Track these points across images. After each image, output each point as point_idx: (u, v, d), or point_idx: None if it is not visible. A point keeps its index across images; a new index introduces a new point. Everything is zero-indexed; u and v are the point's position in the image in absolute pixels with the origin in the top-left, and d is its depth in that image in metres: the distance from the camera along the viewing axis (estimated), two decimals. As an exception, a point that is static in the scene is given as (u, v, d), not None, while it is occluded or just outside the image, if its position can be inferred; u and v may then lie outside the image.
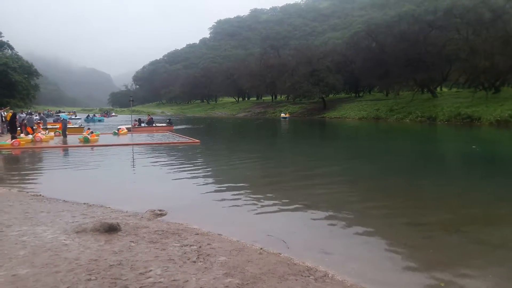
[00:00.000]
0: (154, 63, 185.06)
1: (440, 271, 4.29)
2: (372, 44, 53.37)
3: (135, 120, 31.58)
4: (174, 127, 30.49)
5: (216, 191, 8.53)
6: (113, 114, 77.07)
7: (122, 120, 52.26)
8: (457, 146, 18.95)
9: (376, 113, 44.76)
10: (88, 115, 58.50)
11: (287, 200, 7.51)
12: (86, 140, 19.19)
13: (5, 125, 22.64)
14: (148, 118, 32.14)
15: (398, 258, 4.71)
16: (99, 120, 52.72)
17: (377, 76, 48.10)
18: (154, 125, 30.18)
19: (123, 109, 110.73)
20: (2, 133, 22.69)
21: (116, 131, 25.72)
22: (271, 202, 7.41)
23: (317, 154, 16.21)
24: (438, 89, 49.85)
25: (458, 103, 37.15)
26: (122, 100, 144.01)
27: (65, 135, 22.01)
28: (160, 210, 6.53)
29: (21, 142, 17.73)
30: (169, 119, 34.12)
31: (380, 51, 48.18)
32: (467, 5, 42.79)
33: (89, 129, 24.57)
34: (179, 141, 20.33)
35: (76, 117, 53.92)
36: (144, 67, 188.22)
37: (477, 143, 18.46)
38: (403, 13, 53.63)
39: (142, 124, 29.98)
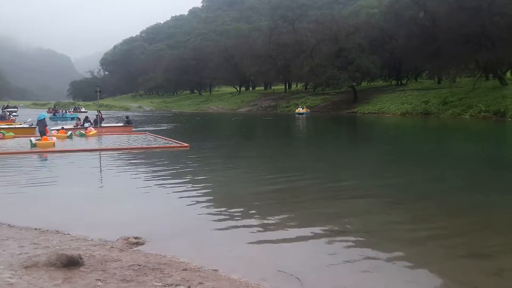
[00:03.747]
0: (129, 42, 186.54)
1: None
2: (419, 15, 53.20)
3: (78, 119, 31.44)
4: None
5: (210, 212, 8.51)
6: (83, 109, 77.04)
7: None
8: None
9: (424, 106, 44.61)
10: (58, 111, 58.13)
11: (304, 224, 7.49)
12: (32, 145, 19.19)
13: None
14: (99, 116, 30.57)
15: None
16: (72, 118, 47.99)
17: (426, 57, 47.91)
18: (101, 125, 28.29)
19: (87, 102, 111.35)
20: None
21: (83, 132, 25.83)
22: (283, 226, 7.38)
23: (344, 163, 16.16)
24: (508, 74, 49.50)
25: (536, 93, 36.92)
26: (86, 91, 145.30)
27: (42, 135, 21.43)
28: (136, 238, 6.53)
29: None
30: (127, 117, 33.02)
31: (430, 23, 48.01)
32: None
33: (62, 128, 25.05)
34: (163, 145, 20.41)
35: (16, 114, 51.72)
36: (115, 47, 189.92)
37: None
38: (461, -28, 53.46)
39: (86, 124, 28.69)
